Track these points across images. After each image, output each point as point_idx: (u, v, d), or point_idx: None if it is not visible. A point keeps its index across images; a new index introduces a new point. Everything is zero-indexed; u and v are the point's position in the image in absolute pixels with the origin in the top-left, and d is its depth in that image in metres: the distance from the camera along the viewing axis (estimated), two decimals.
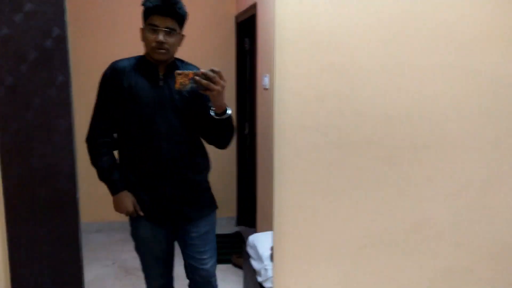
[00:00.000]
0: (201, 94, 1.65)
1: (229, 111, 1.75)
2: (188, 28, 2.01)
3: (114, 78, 1.82)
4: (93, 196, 3.80)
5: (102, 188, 3.74)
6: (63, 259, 1.39)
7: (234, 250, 3.20)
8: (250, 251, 2.39)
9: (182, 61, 1.95)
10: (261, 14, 2.97)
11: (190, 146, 1.90)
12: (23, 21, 1.29)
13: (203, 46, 3.69)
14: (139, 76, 1.81)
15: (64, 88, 1.36)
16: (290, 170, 1.46)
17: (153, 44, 1.77)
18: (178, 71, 1.54)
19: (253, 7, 3.10)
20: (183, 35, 1.86)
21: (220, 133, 1.84)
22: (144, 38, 1.79)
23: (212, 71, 1.58)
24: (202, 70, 1.55)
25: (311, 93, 1.35)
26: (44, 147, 1.41)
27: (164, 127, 1.82)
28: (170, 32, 1.77)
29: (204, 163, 2.01)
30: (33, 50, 1.31)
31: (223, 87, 1.61)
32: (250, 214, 3.85)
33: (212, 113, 1.74)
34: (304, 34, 1.38)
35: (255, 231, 3.41)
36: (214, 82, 1.58)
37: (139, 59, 1.86)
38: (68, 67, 1.38)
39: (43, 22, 1.28)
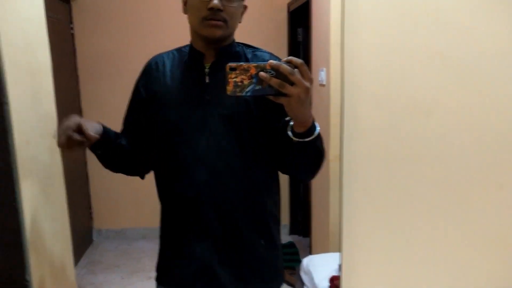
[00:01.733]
0: (271, 102, 0.92)
1: (317, 129, 0.98)
2: None
3: (147, 75, 1.20)
4: (137, 201, 3.77)
5: (146, 193, 3.66)
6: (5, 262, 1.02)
7: (287, 264, 2.91)
8: (304, 277, 2.08)
9: (248, 46, 1.20)
10: (316, 1, 2.62)
11: (249, 185, 1.15)
12: None
13: (251, 38, 3.40)
14: (178, 72, 1.16)
15: None
16: (359, 178, 1.07)
17: (204, 12, 1.04)
18: (231, 64, 0.86)
19: None
20: (245, 5, 1.16)
21: (302, 161, 1.06)
22: (190, 7, 1.09)
23: (289, 62, 0.86)
24: (272, 62, 0.85)
25: (378, 90, 1.00)
26: None
27: (205, 152, 1.11)
28: None
29: (271, 212, 1.20)
30: None
31: (307, 90, 0.86)
32: (303, 222, 3.56)
33: (290, 133, 0.99)
34: (368, 21, 0.99)
35: (309, 241, 3.11)
36: (293, 82, 0.85)
37: (182, 49, 1.21)
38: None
39: None
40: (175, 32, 3.39)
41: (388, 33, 0.95)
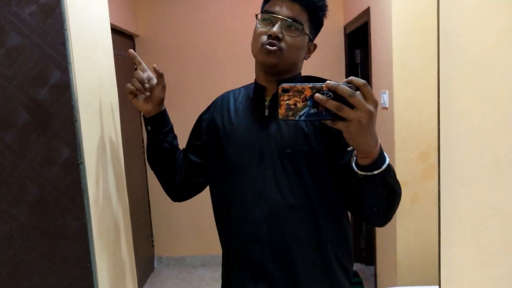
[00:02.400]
0: (333, 135, 0.86)
1: (386, 161, 0.85)
2: None
3: (212, 109, 1.20)
4: (197, 229, 3.76)
5: (206, 221, 3.65)
6: None
7: None
8: None
9: (315, 79, 1.11)
10: (375, 21, 2.54)
11: (310, 225, 1.06)
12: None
13: (309, 62, 3.37)
14: (241, 108, 1.14)
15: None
16: (459, 226, 0.95)
17: (263, 39, 1.03)
18: (284, 85, 0.77)
19: (366, 13, 2.67)
20: (314, 44, 1.13)
21: (370, 200, 0.92)
22: (254, 35, 1.07)
23: (350, 83, 0.76)
24: (330, 82, 0.75)
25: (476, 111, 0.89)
26: None
27: (263, 188, 1.06)
28: (291, 26, 1.03)
29: (338, 259, 1.09)
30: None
31: (370, 114, 0.75)
32: (367, 249, 3.38)
33: (353, 165, 0.87)
34: (431, 38, 0.88)
35: (374, 271, 2.94)
36: (353, 105, 0.75)
37: (249, 85, 1.20)
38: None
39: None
40: (237, 68, 3.45)
41: (488, 65, 0.84)
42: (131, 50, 1.15)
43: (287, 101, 0.76)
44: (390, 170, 0.86)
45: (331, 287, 1.08)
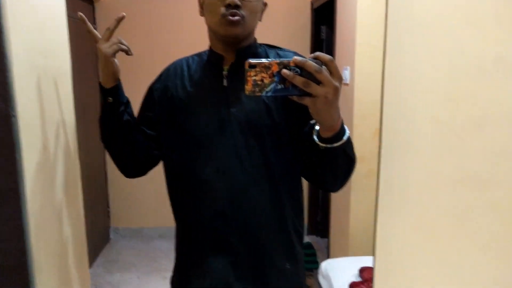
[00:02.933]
0: (295, 105, 0.84)
1: (347, 133, 0.89)
2: None
3: (164, 80, 1.14)
4: (155, 201, 3.72)
5: (164, 192, 3.61)
6: None
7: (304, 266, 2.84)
8: (322, 281, 2.01)
9: (270, 47, 1.13)
10: None
11: (274, 198, 1.06)
12: None
13: (274, 37, 3.35)
14: (197, 77, 1.09)
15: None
16: (396, 196, 0.99)
17: (222, 10, 0.98)
18: (251, 61, 0.76)
19: None
20: (265, 2, 1.09)
21: (330, 169, 0.96)
22: (207, 6, 1.03)
23: (316, 59, 0.76)
24: (297, 58, 0.75)
25: (421, 94, 0.91)
26: None
27: (226, 163, 1.03)
28: None
29: (295, 228, 1.12)
30: None
31: (335, 89, 0.76)
32: (322, 223, 3.49)
33: (315, 138, 0.90)
34: (417, 28, 0.90)
35: (328, 243, 3.04)
36: (320, 81, 0.75)
37: (202, 53, 1.15)
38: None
39: None
40: (197, 35, 3.34)
41: (437, 39, 0.87)
42: (81, 14, 1.05)
43: (254, 77, 0.75)
44: (349, 141, 0.89)
45: (289, 256, 1.10)
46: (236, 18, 0.98)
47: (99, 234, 3.33)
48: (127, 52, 1.06)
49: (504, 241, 0.95)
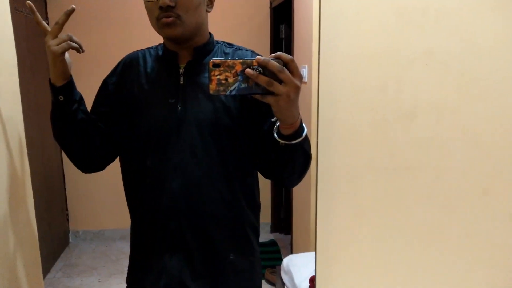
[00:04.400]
0: (255, 102, 0.88)
1: (305, 130, 0.91)
2: (215, 14, 1.48)
3: (120, 73, 1.11)
4: (116, 202, 3.61)
5: (122, 194, 3.56)
6: None
7: (268, 263, 2.87)
8: (284, 277, 2.03)
9: (228, 45, 1.12)
10: None
11: (229, 196, 1.07)
12: None
13: (233, 35, 3.35)
14: (153, 73, 1.08)
15: None
16: (336, 180, 1.03)
17: (157, 13, 0.97)
18: (215, 60, 0.78)
19: None
20: None
21: (288, 165, 0.98)
22: (146, 9, 1.01)
23: (277, 58, 0.79)
24: (260, 58, 0.78)
25: (356, 89, 0.95)
26: None
27: (181, 160, 1.03)
28: None
29: (251, 224, 1.13)
30: None
31: (297, 88, 0.80)
32: (285, 220, 3.53)
33: (276, 135, 0.91)
34: (350, 20, 0.94)
35: (291, 239, 3.09)
36: (282, 80, 0.78)
37: (158, 47, 1.13)
38: None
39: None
40: (152, 28, 3.31)
41: (369, 30, 0.91)
42: (29, 3, 0.99)
43: (218, 76, 0.77)
44: (307, 138, 0.93)
45: (245, 253, 1.11)
46: (171, 19, 0.96)
47: (57, 238, 3.22)
48: (78, 50, 1.00)
49: (434, 226, 1.00)
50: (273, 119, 0.93)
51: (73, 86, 1.03)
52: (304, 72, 2.41)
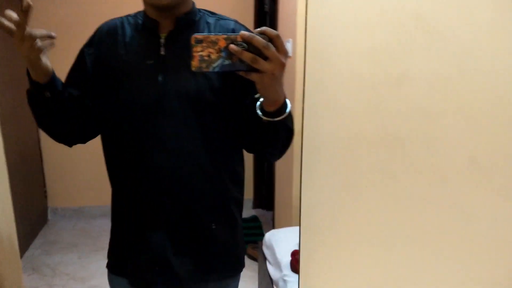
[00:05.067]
0: (239, 76, 0.81)
1: (288, 107, 0.89)
2: None
3: (97, 43, 1.06)
4: (96, 178, 3.55)
5: (103, 170, 3.51)
6: None
7: (250, 238, 2.89)
8: (266, 251, 2.05)
9: (211, 14, 1.08)
10: None
11: (211, 171, 1.05)
12: None
13: (217, 9, 3.26)
14: (132, 43, 1.03)
15: None
16: (320, 157, 1.01)
17: None
18: (197, 35, 0.74)
19: None
20: None
21: (270, 141, 0.98)
22: None
23: (263, 33, 0.75)
24: (245, 33, 0.74)
25: (343, 60, 0.93)
26: None
27: (162, 135, 1.00)
28: None
29: (234, 197, 1.11)
30: None
31: (282, 65, 0.77)
32: (267, 196, 3.55)
33: (259, 112, 0.90)
34: None
35: (273, 215, 3.11)
36: (267, 56, 0.75)
37: (137, 15, 1.07)
38: None
39: None
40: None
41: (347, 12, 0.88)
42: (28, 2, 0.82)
43: (201, 53, 0.74)
44: (290, 115, 0.91)
45: (227, 225, 1.10)
46: None
47: (36, 215, 3.17)
48: (51, 45, 0.90)
49: (425, 196, 0.99)
50: (256, 95, 0.90)
51: (56, 79, 0.96)
52: (289, 46, 2.37)
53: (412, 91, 0.90)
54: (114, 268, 1.13)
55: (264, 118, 0.87)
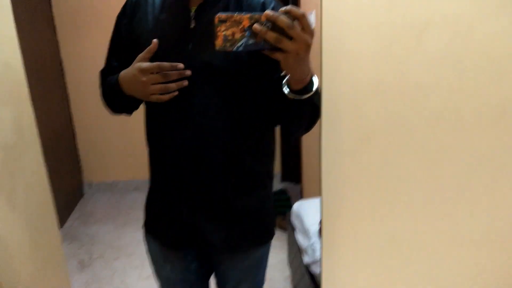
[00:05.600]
0: (266, 56, 0.81)
1: (315, 85, 0.88)
2: None
3: (130, 13, 1.07)
4: (129, 153, 3.66)
5: (138, 145, 3.61)
6: None
7: (279, 210, 2.94)
8: (294, 221, 2.08)
9: None
10: None
11: (238, 143, 1.05)
12: None
13: None
14: (163, 15, 1.03)
15: None
16: (341, 106, 1.00)
17: None
18: (221, 15, 0.74)
19: None
20: None
21: (297, 118, 0.98)
22: None
23: (287, 13, 0.74)
24: (269, 13, 0.73)
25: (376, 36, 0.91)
26: None
27: (189, 107, 1.01)
28: None
29: (260, 170, 1.11)
30: None
31: (307, 46, 0.76)
32: (295, 169, 3.56)
33: (286, 89, 0.90)
34: None
35: (301, 188, 3.13)
36: (291, 36, 0.75)
37: None
38: None
39: None
40: None
41: None
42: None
43: (225, 32, 0.74)
44: (317, 92, 0.90)
45: (259, 198, 1.12)
46: None
47: (72, 190, 3.32)
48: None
49: (445, 148, 0.96)
50: (283, 73, 0.91)
51: None
52: (312, 18, 2.33)
53: (434, 38, 0.86)
54: (148, 228, 1.19)
55: (290, 95, 0.88)
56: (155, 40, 0.95)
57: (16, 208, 1.12)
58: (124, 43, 1.07)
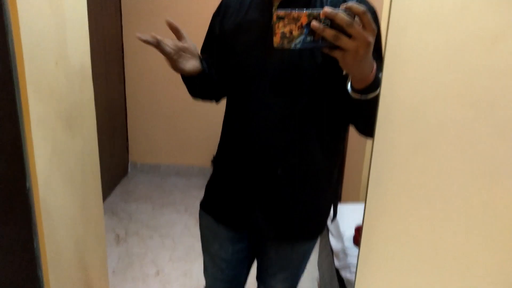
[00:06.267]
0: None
1: (380, 85, 0.84)
2: None
3: (224, 11, 1.13)
4: (175, 139, 3.80)
5: (184, 131, 3.71)
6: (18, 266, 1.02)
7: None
8: (330, 224, 2.05)
9: None
10: None
11: (305, 140, 1.06)
12: None
13: None
14: (250, 11, 1.07)
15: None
16: (398, 112, 0.95)
17: None
18: (279, 12, 0.73)
19: None
20: None
21: (360, 117, 0.98)
22: None
23: (348, 10, 0.72)
24: (327, 9, 0.71)
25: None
26: None
27: (263, 101, 1.05)
28: None
29: (329, 168, 1.13)
30: None
31: (367, 44, 0.74)
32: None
33: (348, 88, 0.88)
34: None
35: (340, 189, 3.08)
36: (351, 34, 0.72)
37: None
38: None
39: None
40: None
41: None
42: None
43: (283, 29, 0.73)
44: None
45: (316, 197, 1.13)
46: None
47: (117, 168, 3.45)
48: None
49: (509, 165, 0.89)
50: (344, 73, 0.90)
51: (204, 68, 1.10)
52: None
53: (506, 51, 0.81)
54: (206, 205, 1.25)
55: (353, 94, 0.86)
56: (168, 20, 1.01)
57: (66, 175, 1.18)
58: (216, 39, 1.14)
